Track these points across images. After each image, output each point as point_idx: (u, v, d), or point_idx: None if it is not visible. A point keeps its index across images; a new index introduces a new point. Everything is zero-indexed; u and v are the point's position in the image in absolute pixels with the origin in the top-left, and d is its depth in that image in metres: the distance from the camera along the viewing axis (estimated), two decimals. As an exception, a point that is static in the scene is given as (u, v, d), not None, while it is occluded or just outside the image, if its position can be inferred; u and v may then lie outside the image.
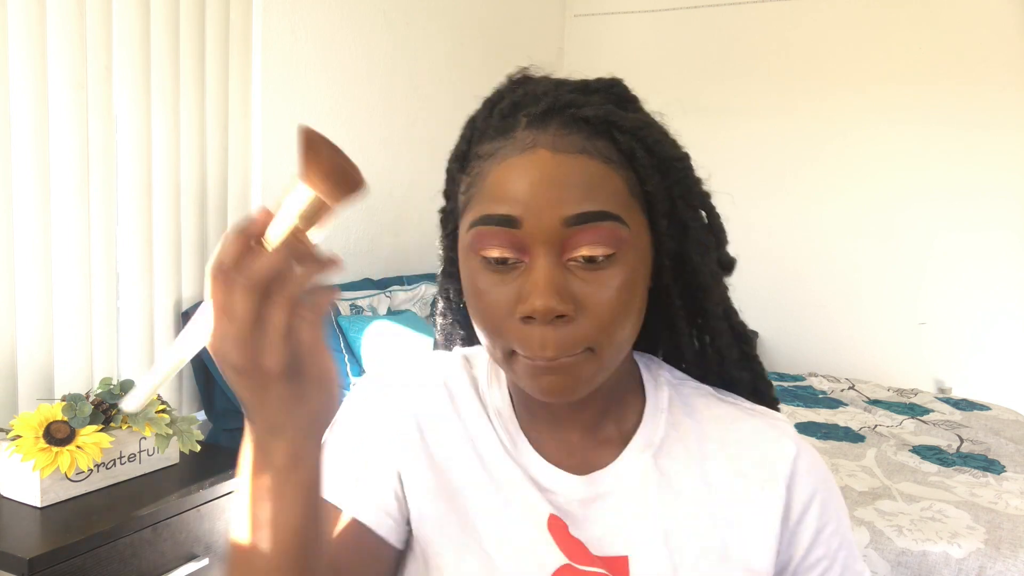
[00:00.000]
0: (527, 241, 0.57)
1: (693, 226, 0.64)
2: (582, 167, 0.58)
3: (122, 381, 1.63)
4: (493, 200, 0.58)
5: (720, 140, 3.73)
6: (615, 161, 0.59)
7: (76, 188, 1.77)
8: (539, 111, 0.60)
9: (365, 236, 2.76)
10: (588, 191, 0.57)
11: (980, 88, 3.34)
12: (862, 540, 1.58)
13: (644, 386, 0.70)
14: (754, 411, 0.69)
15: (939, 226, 3.46)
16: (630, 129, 0.60)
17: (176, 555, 1.52)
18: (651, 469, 0.65)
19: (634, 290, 0.60)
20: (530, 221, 0.57)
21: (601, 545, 0.63)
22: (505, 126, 0.61)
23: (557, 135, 0.59)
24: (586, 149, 0.59)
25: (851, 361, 3.61)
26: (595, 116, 0.59)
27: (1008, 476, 1.92)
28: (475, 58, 3.27)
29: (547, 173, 0.57)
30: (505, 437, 0.66)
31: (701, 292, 0.67)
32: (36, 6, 1.67)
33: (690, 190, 0.64)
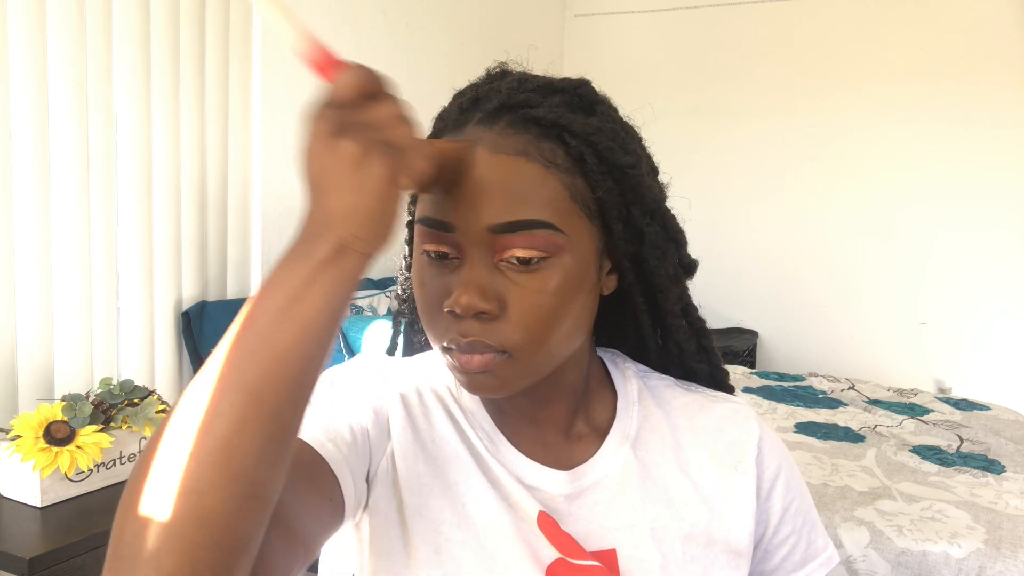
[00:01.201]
0: (460, 243, 0.58)
1: (648, 231, 0.64)
2: (516, 170, 0.57)
3: (122, 381, 1.63)
4: (432, 201, 0.59)
5: (720, 140, 3.73)
6: (559, 165, 0.59)
7: (76, 188, 1.77)
8: (491, 107, 0.60)
9: (365, 236, 2.76)
10: (521, 197, 0.57)
11: (980, 88, 3.34)
12: (862, 540, 1.58)
13: (613, 380, 0.71)
14: (717, 397, 0.72)
15: (939, 226, 3.46)
16: (581, 134, 0.59)
17: (176, 555, 1.52)
18: (631, 461, 0.66)
19: (568, 295, 0.59)
20: (460, 227, 0.57)
21: (589, 540, 0.63)
22: (460, 121, 0.62)
23: (501, 134, 0.58)
24: (527, 151, 0.58)
25: (851, 361, 3.61)
26: (545, 118, 0.59)
27: (1008, 476, 1.92)
28: (475, 58, 3.26)
29: (480, 176, 0.57)
30: (483, 436, 0.67)
31: (659, 293, 0.67)
32: (36, 6, 1.67)
33: (643, 197, 0.63)
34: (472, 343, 0.57)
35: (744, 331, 3.78)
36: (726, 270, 3.66)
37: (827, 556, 0.71)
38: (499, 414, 0.68)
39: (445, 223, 0.58)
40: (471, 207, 0.57)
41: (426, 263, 0.61)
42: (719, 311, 3.75)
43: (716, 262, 3.79)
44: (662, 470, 0.67)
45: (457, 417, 0.68)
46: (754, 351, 3.75)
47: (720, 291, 3.65)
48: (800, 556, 0.69)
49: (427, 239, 0.59)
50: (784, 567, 0.69)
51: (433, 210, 0.59)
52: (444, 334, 0.59)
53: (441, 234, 0.58)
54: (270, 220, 2.36)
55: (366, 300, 2.42)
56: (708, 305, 0.72)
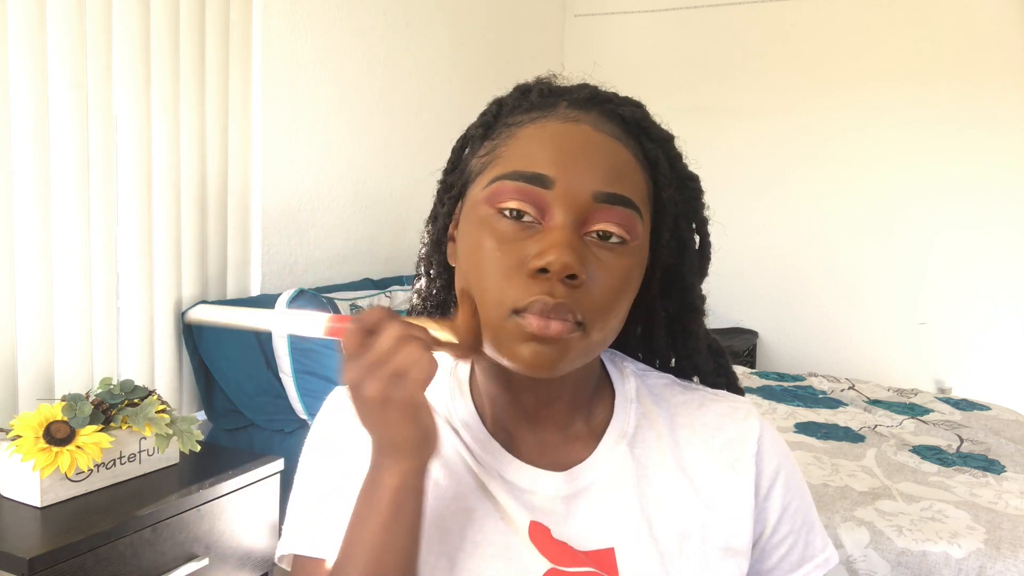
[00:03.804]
0: (551, 203, 0.57)
1: (689, 246, 0.67)
2: (618, 152, 0.60)
3: (122, 381, 1.63)
4: (526, 158, 0.59)
5: (720, 140, 3.73)
6: (640, 162, 0.62)
7: (76, 188, 1.77)
8: (581, 97, 0.63)
9: (365, 236, 2.76)
10: (621, 175, 0.59)
11: (980, 88, 3.34)
12: (862, 540, 1.58)
13: (610, 379, 0.71)
14: (717, 395, 0.72)
15: (939, 226, 3.46)
16: (658, 138, 0.63)
17: (176, 555, 1.52)
18: (628, 459, 0.66)
19: (631, 284, 0.61)
20: (562, 185, 0.57)
21: (586, 539, 0.63)
22: (545, 103, 0.63)
23: (598, 119, 0.61)
24: (620, 139, 0.61)
25: (851, 361, 3.61)
26: (631, 116, 0.63)
27: (1008, 476, 1.92)
28: (475, 58, 3.27)
29: (588, 146, 0.59)
30: (476, 447, 0.66)
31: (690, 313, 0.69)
32: (36, 6, 1.67)
33: (695, 211, 0.67)
34: (560, 305, 0.56)
35: (744, 331, 3.78)
36: (726, 270, 3.65)
37: (825, 557, 0.70)
38: (495, 421, 0.68)
39: (545, 177, 0.57)
40: (579, 169, 0.58)
41: (494, 222, 0.59)
42: (719, 311, 3.75)
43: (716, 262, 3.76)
44: (659, 468, 0.66)
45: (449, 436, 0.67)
46: (754, 351, 3.75)
47: (720, 291, 3.63)
48: (798, 556, 0.69)
49: (510, 195, 0.58)
50: (781, 567, 0.69)
51: (530, 165, 0.58)
52: (523, 295, 0.57)
53: (532, 190, 0.57)
54: (270, 220, 2.36)
55: (366, 300, 2.42)
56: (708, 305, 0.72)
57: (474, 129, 0.67)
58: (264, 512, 1.73)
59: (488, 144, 0.63)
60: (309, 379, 2.04)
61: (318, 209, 2.55)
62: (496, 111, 0.66)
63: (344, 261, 2.67)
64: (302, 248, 2.49)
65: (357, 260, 2.72)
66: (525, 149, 0.60)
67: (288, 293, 2.12)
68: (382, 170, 2.82)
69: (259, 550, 1.72)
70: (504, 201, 0.58)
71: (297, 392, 2.05)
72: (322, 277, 2.57)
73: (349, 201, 2.68)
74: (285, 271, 2.42)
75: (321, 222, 2.57)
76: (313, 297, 2.15)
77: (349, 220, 2.69)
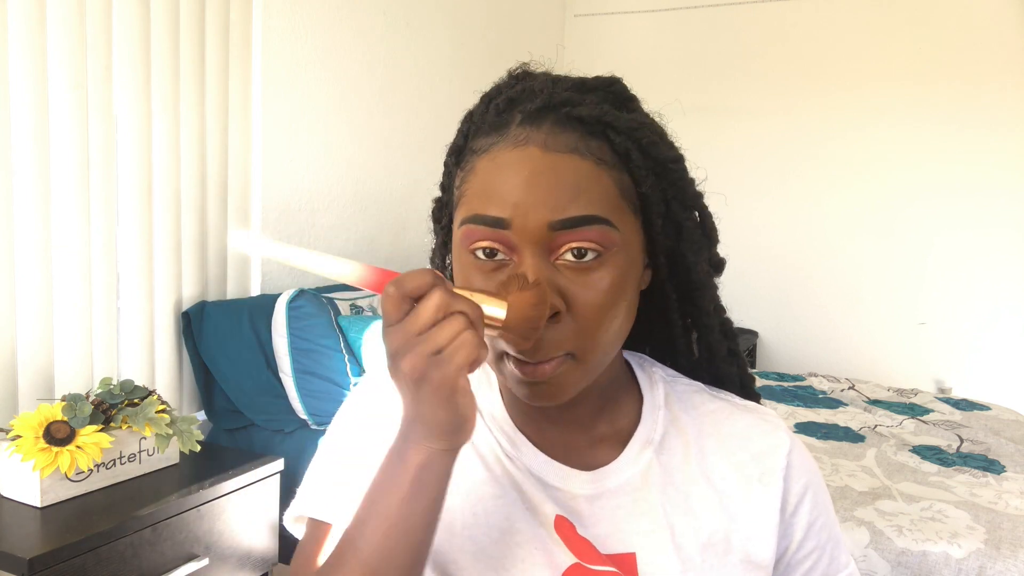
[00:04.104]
0: (515, 241, 0.57)
1: (687, 226, 0.65)
2: (573, 167, 0.58)
3: (122, 381, 1.63)
4: (482, 199, 0.58)
5: (720, 140, 3.73)
6: (607, 162, 0.59)
7: (76, 188, 1.77)
8: (534, 108, 0.60)
9: (365, 236, 2.76)
10: (576, 194, 0.57)
11: (980, 88, 3.34)
12: (862, 540, 1.58)
13: (639, 384, 0.70)
14: (746, 407, 0.71)
15: (939, 226, 3.46)
16: (625, 130, 0.60)
17: (176, 555, 1.52)
18: (654, 465, 0.66)
19: (622, 292, 0.60)
20: (517, 223, 0.56)
21: (608, 543, 0.63)
22: (500, 122, 0.61)
23: (550, 133, 0.58)
24: (578, 149, 0.58)
25: (851, 361, 3.61)
26: (590, 115, 0.59)
27: (1008, 476, 1.92)
28: (475, 58, 3.27)
29: (536, 172, 0.57)
30: (503, 439, 0.66)
31: (696, 290, 0.67)
32: (36, 6, 1.67)
33: (684, 191, 0.64)
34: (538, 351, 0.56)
35: (744, 331, 3.78)
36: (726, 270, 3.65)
37: (848, 573, 0.70)
38: (521, 416, 0.68)
39: (501, 220, 0.57)
40: (528, 205, 0.56)
41: (473, 265, 0.59)
42: (719, 311, 3.74)
43: (716, 262, 3.78)
44: (685, 476, 0.66)
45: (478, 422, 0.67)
46: (754, 351, 3.75)
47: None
48: (822, 572, 0.69)
49: (477, 236, 0.58)
50: None
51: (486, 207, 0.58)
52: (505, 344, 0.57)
53: (495, 232, 0.57)
54: (270, 221, 2.36)
55: (366, 300, 2.42)
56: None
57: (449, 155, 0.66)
58: (264, 512, 1.73)
59: (460, 174, 0.63)
60: (309, 379, 2.04)
61: (318, 209, 2.55)
62: (466, 130, 0.64)
63: (344, 261, 2.67)
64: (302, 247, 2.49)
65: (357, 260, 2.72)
66: (481, 187, 0.59)
67: (288, 293, 2.12)
68: (382, 170, 2.82)
69: (259, 550, 1.72)
70: (475, 245, 0.58)
71: (297, 392, 2.05)
72: (322, 277, 2.57)
73: (349, 201, 2.68)
74: (285, 271, 2.42)
75: (321, 222, 2.57)
76: (313, 297, 2.15)
77: (349, 220, 2.69)
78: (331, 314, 2.17)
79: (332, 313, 2.18)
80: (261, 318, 2.11)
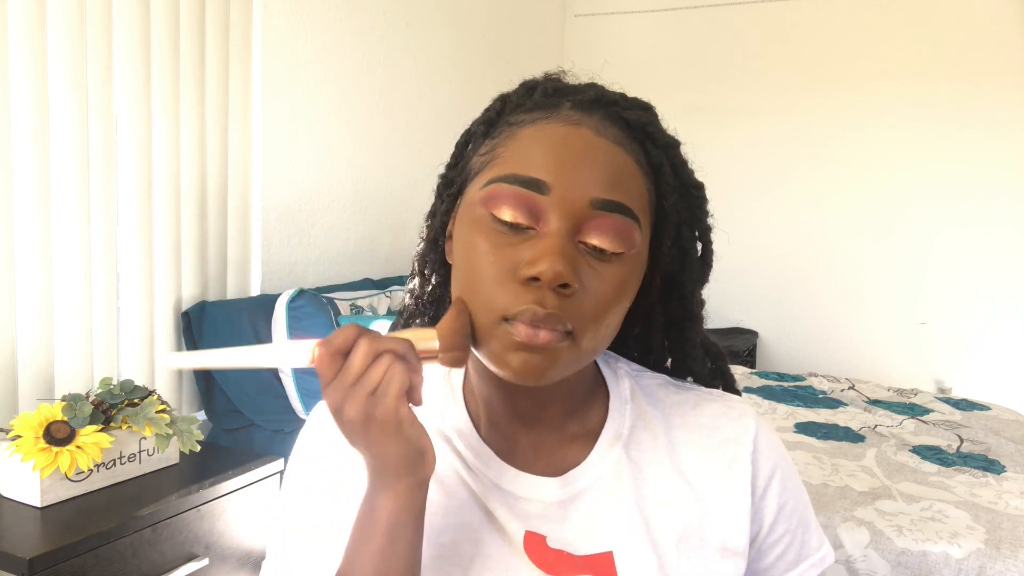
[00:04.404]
0: (546, 209, 0.57)
1: (691, 254, 0.66)
2: (620, 158, 0.59)
3: (122, 381, 1.63)
4: (524, 161, 0.58)
5: (720, 140, 3.73)
6: (643, 168, 0.61)
7: (76, 188, 1.77)
8: (586, 99, 0.61)
9: (365, 236, 2.76)
10: (621, 182, 0.58)
11: (980, 88, 3.34)
12: (862, 540, 1.58)
13: (605, 379, 0.70)
14: (712, 395, 0.71)
15: (939, 226, 3.47)
16: (663, 144, 0.62)
17: (176, 555, 1.52)
18: (624, 461, 0.66)
19: (626, 293, 0.60)
20: (559, 191, 0.56)
21: (584, 544, 0.63)
22: (548, 103, 0.62)
23: (601, 122, 0.60)
24: (623, 144, 0.60)
25: (851, 361, 3.61)
26: (636, 120, 0.61)
27: (1008, 476, 1.92)
28: (475, 58, 3.27)
29: (588, 151, 0.58)
30: (470, 455, 0.66)
31: (688, 320, 0.68)
32: (36, 6, 1.67)
33: (699, 219, 0.66)
34: (550, 316, 0.55)
35: (744, 331, 3.78)
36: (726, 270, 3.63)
37: (820, 556, 0.70)
38: (488, 426, 0.67)
39: (541, 183, 0.56)
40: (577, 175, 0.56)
41: (487, 226, 0.58)
42: (719, 311, 3.75)
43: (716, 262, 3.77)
44: (655, 469, 0.66)
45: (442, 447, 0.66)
46: (754, 351, 3.75)
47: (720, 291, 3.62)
48: (794, 556, 0.69)
49: (505, 200, 0.57)
50: (777, 566, 0.69)
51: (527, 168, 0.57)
52: (513, 303, 0.56)
53: (527, 195, 0.57)
54: (270, 220, 2.36)
55: (366, 300, 2.42)
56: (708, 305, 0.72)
57: (477, 125, 0.66)
58: (264, 512, 1.73)
59: (489, 143, 0.63)
60: (309, 379, 2.04)
61: (318, 209, 2.55)
62: (500, 107, 0.65)
63: (344, 261, 2.67)
64: (302, 248, 2.49)
65: (357, 260, 2.72)
66: (524, 151, 0.58)
67: (288, 293, 2.12)
68: (382, 170, 2.82)
69: (259, 550, 1.72)
70: (499, 207, 0.57)
71: (297, 392, 2.05)
72: (322, 277, 2.57)
73: (349, 201, 2.68)
74: (285, 271, 2.42)
75: (321, 222, 2.57)
76: (313, 297, 2.15)
77: (349, 220, 2.69)
78: (331, 314, 2.17)
79: (332, 313, 2.18)
80: (261, 318, 2.11)
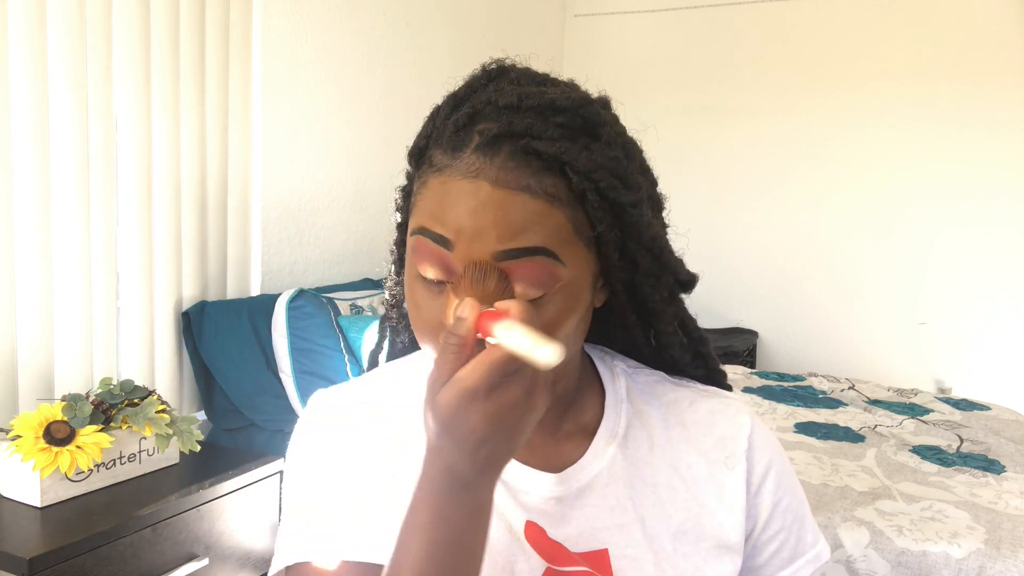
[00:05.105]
0: (457, 265, 0.57)
1: (643, 263, 0.63)
2: (520, 204, 0.56)
3: (122, 381, 1.63)
4: (431, 216, 0.58)
5: (720, 140, 3.73)
6: (562, 199, 0.58)
7: (76, 188, 1.77)
8: (492, 135, 0.58)
9: (365, 236, 2.76)
10: (524, 228, 0.56)
11: (980, 88, 3.34)
12: (862, 540, 1.58)
13: (600, 378, 0.70)
14: (708, 392, 0.71)
15: (939, 226, 3.46)
16: (583, 171, 0.58)
17: (176, 555, 1.52)
18: (619, 459, 0.66)
19: (566, 317, 0.59)
20: (461, 248, 0.56)
21: (580, 541, 0.63)
22: (457, 141, 0.59)
23: (502, 168, 0.57)
24: (530, 187, 0.57)
25: (851, 361, 3.61)
26: (547, 152, 0.57)
27: (1008, 476, 1.92)
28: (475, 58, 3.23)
29: (483, 205, 0.56)
30: None
31: (652, 316, 0.67)
32: (36, 6, 1.67)
33: (640, 234, 0.62)
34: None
35: (744, 331, 3.78)
36: (726, 270, 3.66)
37: (815, 553, 0.70)
38: None
39: (447, 239, 0.57)
40: (475, 232, 0.56)
41: (417, 280, 0.60)
42: (719, 311, 3.75)
43: (716, 262, 3.78)
44: (651, 467, 0.66)
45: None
46: (754, 351, 3.75)
47: (720, 291, 3.65)
48: (789, 552, 0.69)
49: (423, 257, 0.58)
50: (772, 563, 0.69)
51: (435, 223, 0.58)
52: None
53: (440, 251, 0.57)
54: (270, 220, 2.36)
55: (366, 300, 2.42)
56: (708, 305, 0.72)
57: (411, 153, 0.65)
58: (264, 512, 1.73)
59: (417, 180, 0.62)
60: (309, 379, 2.04)
61: (318, 209, 2.55)
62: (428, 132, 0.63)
63: (344, 261, 2.67)
64: (302, 248, 2.49)
65: (357, 260, 2.72)
66: (432, 204, 0.58)
67: (288, 293, 2.12)
68: (382, 170, 2.81)
69: (259, 550, 1.72)
70: (421, 263, 0.59)
71: (297, 392, 2.05)
72: (322, 277, 2.57)
73: (349, 201, 2.68)
74: (285, 271, 2.42)
75: (321, 222, 2.57)
76: (313, 297, 2.15)
77: (349, 220, 2.69)
78: (331, 314, 2.17)
79: (332, 313, 2.18)
80: (261, 318, 2.11)
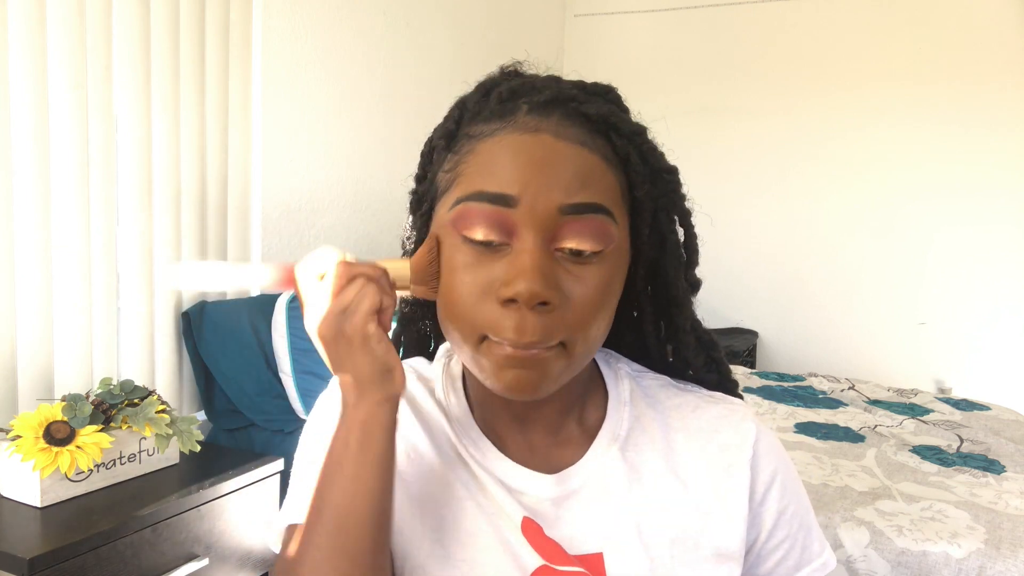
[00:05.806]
0: (518, 223, 0.56)
1: (671, 239, 0.65)
2: (583, 158, 0.58)
3: (122, 381, 1.63)
4: (488, 177, 0.57)
5: (720, 140, 3.73)
6: (610, 161, 0.60)
7: (76, 188, 1.77)
8: (542, 100, 0.60)
9: (365, 236, 2.76)
10: (587, 182, 0.57)
11: (980, 87, 3.34)
12: (862, 540, 1.58)
13: (604, 380, 0.70)
14: (713, 397, 0.70)
15: (939, 225, 3.47)
16: (628, 133, 0.60)
17: (176, 555, 1.52)
18: (619, 463, 0.66)
19: (612, 290, 0.60)
20: (526, 202, 0.56)
21: (575, 543, 0.63)
22: (504, 110, 0.60)
23: (560, 124, 0.59)
24: (586, 143, 0.59)
25: (851, 361, 3.61)
26: (596, 113, 0.59)
27: (1008, 476, 1.92)
28: (475, 58, 3.27)
29: (549, 157, 0.57)
30: (469, 443, 0.66)
31: (673, 307, 0.67)
32: (36, 6, 1.67)
33: (675, 204, 0.64)
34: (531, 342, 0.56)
35: (744, 331, 3.78)
36: (726, 270, 3.66)
37: (822, 561, 0.69)
38: (486, 419, 0.67)
39: (508, 197, 0.56)
40: (541, 184, 0.56)
41: (460, 249, 0.58)
42: (719, 311, 3.75)
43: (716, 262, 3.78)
44: (652, 472, 0.66)
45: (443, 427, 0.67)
46: (754, 351, 3.75)
47: (720, 291, 3.65)
48: (794, 561, 0.68)
49: (475, 220, 0.57)
50: (778, 572, 0.68)
51: (491, 184, 0.57)
52: (495, 326, 0.56)
53: (496, 211, 0.56)
54: (270, 221, 2.36)
55: (366, 300, 2.42)
56: (708, 305, 0.72)
57: (437, 138, 0.65)
58: (264, 512, 1.73)
59: (452, 158, 0.62)
60: (309, 379, 2.04)
61: (318, 209, 2.55)
62: (459, 116, 0.64)
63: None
64: (302, 248, 2.49)
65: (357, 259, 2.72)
66: (486, 166, 0.58)
67: (288, 293, 2.12)
68: (382, 170, 2.82)
69: (259, 550, 1.72)
70: (470, 227, 0.57)
71: (297, 392, 2.05)
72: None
73: (349, 201, 2.68)
74: (285, 271, 2.42)
75: (321, 222, 2.57)
76: (313, 297, 2.15)
77: (349, 220, 2.69)
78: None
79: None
80: (261, 318, 2.11)
